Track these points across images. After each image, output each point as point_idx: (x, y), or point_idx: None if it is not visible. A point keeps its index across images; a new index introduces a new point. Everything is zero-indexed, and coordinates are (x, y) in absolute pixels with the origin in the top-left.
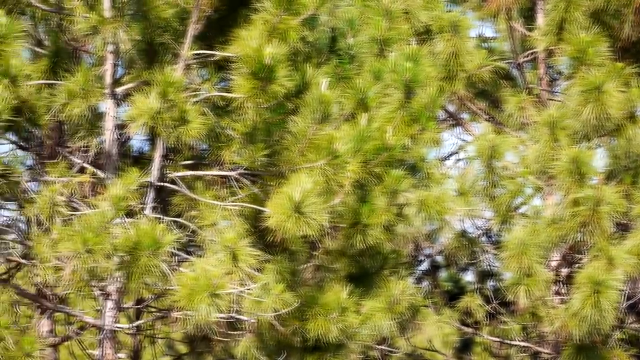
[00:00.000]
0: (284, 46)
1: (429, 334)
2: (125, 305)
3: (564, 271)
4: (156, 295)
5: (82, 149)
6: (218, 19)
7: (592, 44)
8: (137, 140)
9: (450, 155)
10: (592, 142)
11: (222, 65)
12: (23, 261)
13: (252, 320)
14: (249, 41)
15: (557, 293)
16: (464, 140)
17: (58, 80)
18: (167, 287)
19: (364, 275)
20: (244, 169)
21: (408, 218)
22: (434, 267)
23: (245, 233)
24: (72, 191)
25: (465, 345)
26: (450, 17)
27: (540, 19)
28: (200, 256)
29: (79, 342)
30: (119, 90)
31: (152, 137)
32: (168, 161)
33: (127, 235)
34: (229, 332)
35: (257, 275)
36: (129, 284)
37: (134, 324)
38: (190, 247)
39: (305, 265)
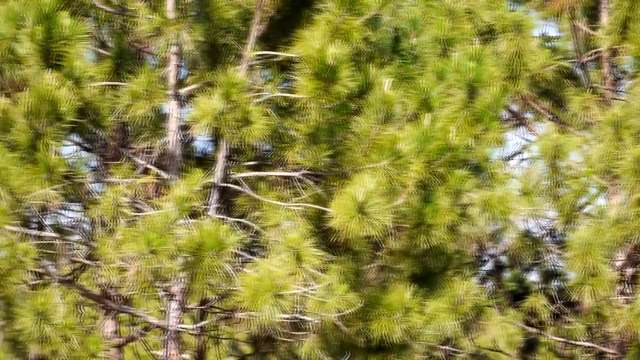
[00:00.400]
0: (346, 46)
1: (493, 334)
2: (189, 306)
3: (629, 271)
4: (220, 296)
5: (146, 150)
6: (281, 20)
7: None
8: (201, 141)
9: (514, 155)
10: None
11: (285, 66)
12: (87, 262)
13: (316, 321)
14: (312, 42)
15: (622, 293)
16: (528, 140)
17: (122, 81)
18: (231, 288)
19: (428, 275)
20: (307, 170)
21: (472, 218)
22: (498, 267)
23: (308, 234)
24: (136, 192)
25: (530, 346)
26: (513, 17)
27: (604, 18)
28: (264, 257)
29: (143, 343)
30: (183, 91)
31: (216, 138)
32: (231, 162)
33: (191, 236)
34: (293, 332)
35: (320, 275)
36: (193, 285)
37: (198, 325)
38: (254, 247)
39: (369, 266)
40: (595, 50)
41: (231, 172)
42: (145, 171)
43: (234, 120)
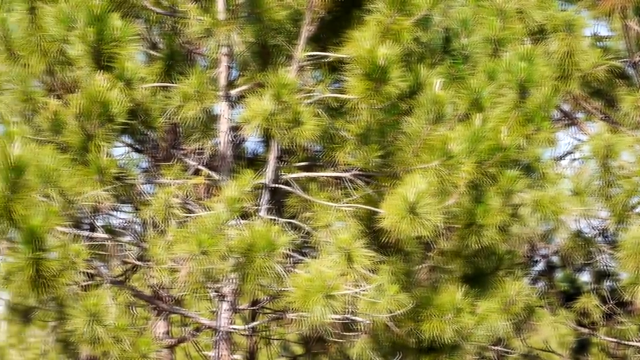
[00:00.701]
0: (397, 47)
1: (545, 334)
2: (240, 307)
3: None
4: (271, 297)
5: (197, 151)
6: (331, 21)
7: None
8: (252, 142)
9: (566, 155)
10: None
11: (336, 67)
12: (139, 263)
13: (367, 322)
14: (363, 42)
15: None
16: (579, 139)
17: (173, 83)
18: (282, 289)
19: (479, 275)
20: (358, 170)
21: (523, 218)
22: (550, 268)
23: (359, 234)
24: (187, 193)
25: (582, 346)
26: (564, 16)
27: None
28: (315, 257)
29: (195, 344)
30: (233, 92)
31: (266, 139)
32: (282, 163)
33: (242, 237)
34: (344, 333)
35: (371, 276)
36: (244, 286)
37: (249, 325)
38: (305, 248)
39: (420, 266)
40: None
41: (282, 173)
42: (196, 172)
43: (285, 121)
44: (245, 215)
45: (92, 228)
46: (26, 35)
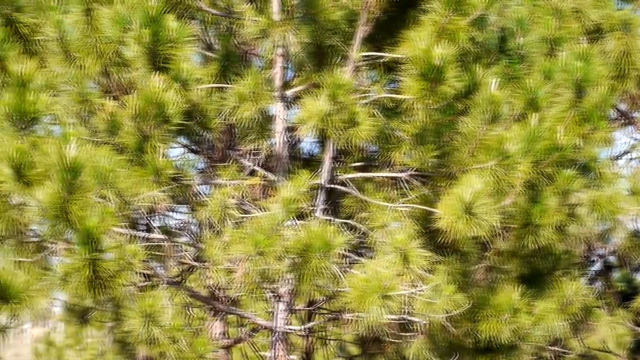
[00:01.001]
0: (453, 47)
1: (602, 334)
2: (296, 307)
3: None
4: (327, 297)
5: (253, 151)
6: (386, 21)
7: None
8: (307, 143)
9: (622, 154)
10: None
11: (391, 67)
12: (195, 264)
13: (424, 322)
14: (418, 42)
15: None
16: (636, 139)
17: (228, 83)
18: (338, 289)
19: (536, 276)
20: (414, 170)
21: (580, 218)
22: (607, 268)
23: (415, 234)
24: (243, 194)
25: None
26: (621, 16)
27: None
28: (371, 258)
29: (251, 344)
30: (289, 92)
31: (322, 139)
32: (338, 163)
33: (298, 238)
34: (401, 333)
35: (428, 276)
36: (301, 286)
37: (305, 326)
38: (361, 248)
39: (477, 266)
40: None
41: (338, 173)
42: (252, 173)
43: (341, 122)
44: (301, 216)
45: (149, 229)
46: (82, 37)
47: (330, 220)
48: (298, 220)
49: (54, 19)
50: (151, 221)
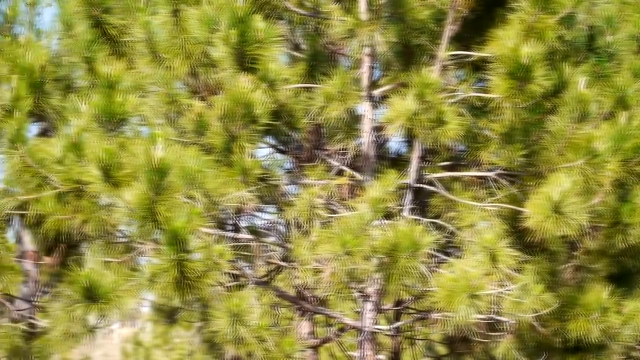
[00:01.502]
0: (541, 45)
1: None
2: (384, 307)
3: None
4: (415, 297)
5: (340, 151)
6: (474, 19)
7: None
8: (395, 142)
9: None
10: None
11: (479, 66)
12: (283, 264)
13: (512, 321)
14: (506, 41)
15: None
16: None
17: (316, 83)
18: (426, 289)
19: (626, 275)
20: (502, 169)
21: None
22: None
23: (504, 234)
24: (331, 194)
25: None
26: None
27: None
28: (459, 257)
29: (339, 344)
30: (376, 92)
31: (410, 139)
32: (425, 162)
33: (386, 237)
34: (489, 333)
35: (516, 276)
36: (388, 286)
37: (393, 326)
38: (449, 248)
39: (565, 266)
40: None
41: (425, 173)
42: (340, 172)
43: (428, 121)
44: (389, 216)
45: (236, 229)
46: (170, 38)
47: (418, 219)
48: (386, 219)
49: (142, 20)
50: (239, 221)
